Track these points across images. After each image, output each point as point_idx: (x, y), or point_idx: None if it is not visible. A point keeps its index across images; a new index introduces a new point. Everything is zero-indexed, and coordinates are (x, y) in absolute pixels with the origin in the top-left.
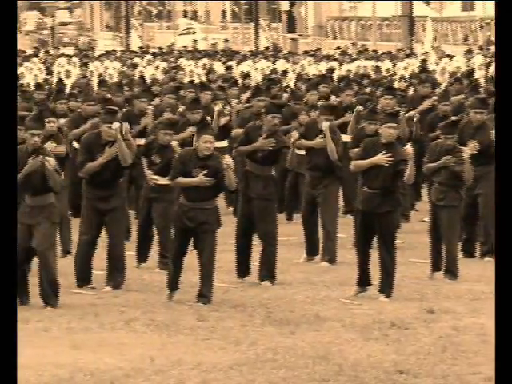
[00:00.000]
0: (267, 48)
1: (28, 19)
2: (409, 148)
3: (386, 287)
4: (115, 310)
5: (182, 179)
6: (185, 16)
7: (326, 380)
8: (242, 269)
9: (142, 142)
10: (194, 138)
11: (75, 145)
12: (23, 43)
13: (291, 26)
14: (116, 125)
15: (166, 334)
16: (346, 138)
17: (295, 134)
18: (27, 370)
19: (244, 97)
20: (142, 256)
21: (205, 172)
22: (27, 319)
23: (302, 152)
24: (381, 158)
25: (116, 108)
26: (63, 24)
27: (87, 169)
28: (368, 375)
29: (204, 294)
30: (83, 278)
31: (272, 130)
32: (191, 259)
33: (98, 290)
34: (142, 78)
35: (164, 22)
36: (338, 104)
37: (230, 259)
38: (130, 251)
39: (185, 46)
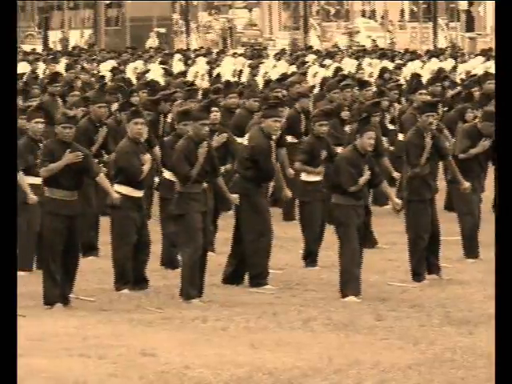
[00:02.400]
0: (437, 48)
1: (205, 19)
2: None
3: None
4: (293, 309)
5: (360, 180)
6: (363, 15)
7: None
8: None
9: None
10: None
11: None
12: (201, 43)
13: (470, 25)
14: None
15: (343, 333)
16: None
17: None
18: (206, 369)
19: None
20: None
21: (368, 167)
22: (205, 318)
23: None
24: None
25: (277, 101)
26: (247, 24)
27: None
28: None
29: None
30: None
31: (428, 129)
32: (368, 258)
33: (277, 288)
34: (304, 73)
35: (342, 21)
36: None
37: (406, 258)
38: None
39: (363, 46)
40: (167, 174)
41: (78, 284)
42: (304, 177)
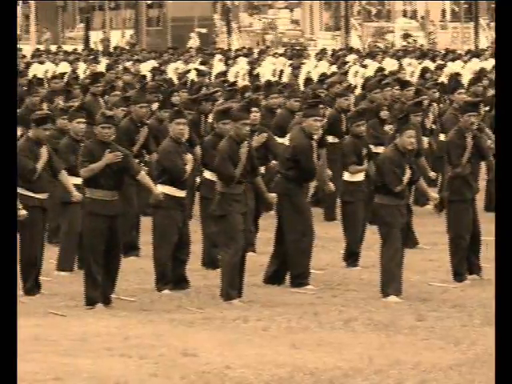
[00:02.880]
0: (479, 48)
1: (246, 20)
2: None
3: None
4: (334, 309)
5: (404, 180)
6: (404, 15)
7: None
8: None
9: None
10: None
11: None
12: (243, 43)
13: None
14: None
15: (384, 333)
16: None
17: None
18: (247, 369)
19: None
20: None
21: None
22: (246, 318)
23: None
24: None
25: (317, 100)
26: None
27: None
28: None
29: None
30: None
31: (469, 129)
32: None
33: (318, 289)
34: (345, 73)
35: (383, 21)
36: None
37: (447, 258)
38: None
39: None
40: (208, 174)
41: (119, 284)
42: (346, 177)
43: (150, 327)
